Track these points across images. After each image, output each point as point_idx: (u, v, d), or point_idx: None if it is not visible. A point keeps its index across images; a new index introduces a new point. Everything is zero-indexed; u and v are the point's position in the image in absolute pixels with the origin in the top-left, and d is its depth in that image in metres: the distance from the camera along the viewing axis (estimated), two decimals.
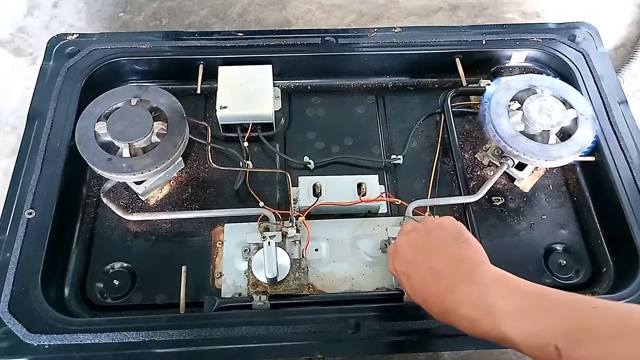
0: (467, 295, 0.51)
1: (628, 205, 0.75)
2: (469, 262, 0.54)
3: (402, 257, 0.60)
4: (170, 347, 0.63)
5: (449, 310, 0.53)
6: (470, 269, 0.53)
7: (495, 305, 0.49)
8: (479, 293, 0.51)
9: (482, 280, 0.52)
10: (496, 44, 0.92)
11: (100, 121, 0.76)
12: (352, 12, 1.35)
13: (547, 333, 0.45)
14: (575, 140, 0.75)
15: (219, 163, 0.83)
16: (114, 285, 0.74)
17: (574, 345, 0.43)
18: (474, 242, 0.57)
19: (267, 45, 0.90)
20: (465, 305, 0.51)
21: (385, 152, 0.88)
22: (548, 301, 0.48)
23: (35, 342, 0.63)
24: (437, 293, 0.54)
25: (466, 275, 0.53)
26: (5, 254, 0.69)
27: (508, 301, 0.49)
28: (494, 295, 0.50)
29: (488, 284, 0.51)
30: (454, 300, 0.52)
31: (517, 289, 0.50)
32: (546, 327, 0.45)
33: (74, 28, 1.30)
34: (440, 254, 0.56)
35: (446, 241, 0.57)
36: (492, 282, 0.51)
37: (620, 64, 1.25)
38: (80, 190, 0.81)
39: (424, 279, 0.56)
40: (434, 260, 0.56)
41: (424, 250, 0.58)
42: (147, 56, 0.89)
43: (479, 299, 0.50)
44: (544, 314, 0.46)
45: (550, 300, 0.48)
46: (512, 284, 0.51)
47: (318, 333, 0.65)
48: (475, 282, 0.52)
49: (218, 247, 0.76)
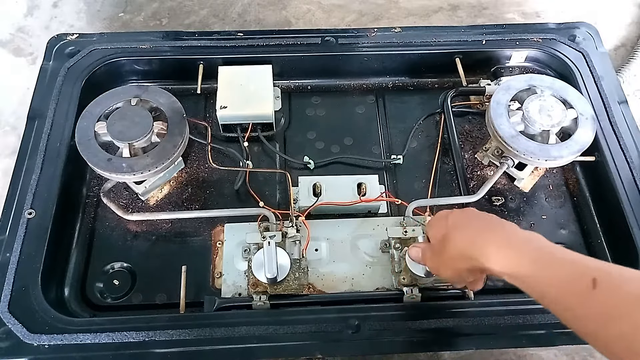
0: (514, 235, 0.53)
1: (628, 205, 0.75)
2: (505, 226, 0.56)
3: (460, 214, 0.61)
4: (170, 347, 0.63)
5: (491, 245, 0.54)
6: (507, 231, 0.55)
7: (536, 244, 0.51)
8: (523, 235, 0.53)
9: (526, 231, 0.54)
10: (496, 44, 0.92)
11: (100, 121, 0.76)
12: (352, 12, 1.35)
13: (588, 267, 0.46)
14: (575, 140, 0.75)
15: (219, 163, 0.83)
16: (114, 285, 0.74)
17: (611, 285, 0.44)
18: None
19: (267, 45, 0.90)
20: (509, 241, 0.53)
21: (385, 152, 0.88)
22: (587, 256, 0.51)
23: (35, 342, 0.63)
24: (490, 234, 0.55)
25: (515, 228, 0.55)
26: (5, 254, 0.69)
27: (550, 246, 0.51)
28: (538, 238, 0.52)
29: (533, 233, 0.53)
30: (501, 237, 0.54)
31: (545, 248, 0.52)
32: (588, 262, 0.47)
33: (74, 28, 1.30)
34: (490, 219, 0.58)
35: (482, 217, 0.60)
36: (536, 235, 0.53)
37: (620, 64, 1.25)
38: (80, 190, 0.81)
39: (477, 228, 0.57)
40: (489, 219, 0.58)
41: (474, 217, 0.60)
42: (147, 56, 0.89)
43: (522, 238, 0.52)
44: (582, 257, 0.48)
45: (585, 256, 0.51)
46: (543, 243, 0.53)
47: (318, 333, 0.65)
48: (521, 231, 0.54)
49: (218, 247, 0.76)
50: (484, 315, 0.66)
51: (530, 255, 0.50)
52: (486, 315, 0.66)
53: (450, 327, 0.65)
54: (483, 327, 0.65)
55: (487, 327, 0.65)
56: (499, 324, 0.65)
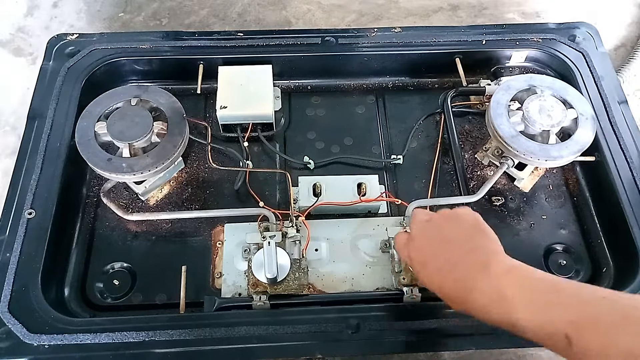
0: (482, 285, 0.52)
1: (628, 205, 0.75)
2: (485, 252, 0.55)
3: (419, 246, 0.60)
4: (170, 347, 0.63)
5: (464, 299, 0.54)
6: (486, 259, 0.54)
7: (508, 294, 0.50)
8: (493, 283, 0.52)
9: (496, 270, 0.53)
10: (496, 44, 0.92)
11: (100, 121, 0.76)
12: (352, 12, 1.35)
13: (557, 322, 0.46)
14: (575, 140, 0.75)
15: (219, 163, 0.83)
16: (114, 285, 0.74)
17: (582, 335, 0.44)
18: (490, 231, 0.58)
19: (267, 45, 0.90)
20: (480, 295, 0.52)
21: (385, 152, 0.88)
22: (558, 291, 0.49)
23: (35, 342, 0.63)
24: (453, 282, 0.55)
25: (481, 265, 0.54)
26: (5, 254, 0.69)
27: (520, 291, 0.50)
28: (507, 284, 0.51)
29: (502, 274, 0.52)
30: (469, 289, 0.53)
31: (530, 278, 0.51)
32: (556, 316, 0.46)
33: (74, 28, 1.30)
34: (457, 245, 0.57)
35: (463, 231, 0.58)
36: (506, 272, 0.52)
37: (620, 64, 1.25)
38: (80, 190, 0.81)
39: (440, 268, 0.56)
40: (450, 251, 0.57)
41: (441, 241, 0.58)
42: (147, 56, 0.89)
43: (493, 289, 0.51)
44: (555, 303, 0.48)
45: (561, 289, 0.49)
46: (525, 273, 0.52)
47: (318, 333, 0.65)
48: (489, 272, 0.53)
49: (218, 247, 0.76)
50: None
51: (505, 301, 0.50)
52: None
53: (450, 327, 0.65)
54: (483, 327, 0.65)
55: (487, 327, 0.64)
56: None
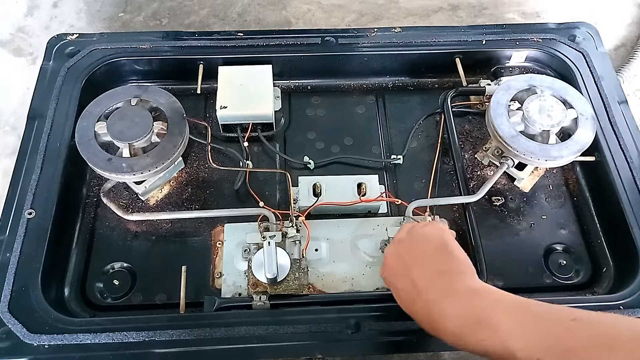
0: (449, 310, 0.52)
1: (628, 205, 0.75)
2: (450, 276, 0.55)
3: (388, 267, 0.61)
4: (170, 347, 0.63)
5: (433, 324, 0.53)
6: (450, 283, 0.54)
7: (477, 319, 0.49)
8: (460, 308, 0.51)
9: (461, 294, 0.52)
10: (496, 44, 0.92)
11: (100, 121, 0.76)
12: (352, 12, 1.35)
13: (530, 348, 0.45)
14: (575, 140, 0.75)
15: (219, 163, 0.83)
16: (114, 285, 0.74)
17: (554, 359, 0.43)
18: (459, 252, 0.57)
19: (267, 45, 0.90)
20: (448, 320, 0.51)
21: (385, 152, 0.88)
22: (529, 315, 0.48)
23: (35, 342, 0.63)
24: (420, 307, 0.55)
25: (447, 289, 0.53)
26: (5, 254, 0.69)
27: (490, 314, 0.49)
28: (474, 309, 0.50)
29: (467, 299, 0.52)
30: (437, 315, 0.53)
31: (497, 302, 0.50)
32: (529, 342, 0.46)
33: (74, 28, 1.30)
34: (423, 268, 0.56)
35: (429, 253, 0.58)
36: (471, 296, 0.52)
37: (620, 64, 1.25)
38: (80, 190, 0.81)
39: (408, 291, 0.56)
40: (416, 274, 0.56)
41: (408, 263, 0.58)
42: (147, 56, 0.89)
43: (460, 315, 0.51)
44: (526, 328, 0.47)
45: (532, 314, 0.48)
46: (493, 297, 0.51)
47: (318, 333, 0.65)
48: (455, 297, 0.52)
49: (218, 247, 0.76)
50: None
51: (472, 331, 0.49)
52: None
53: None
54: None
55: None
56: None
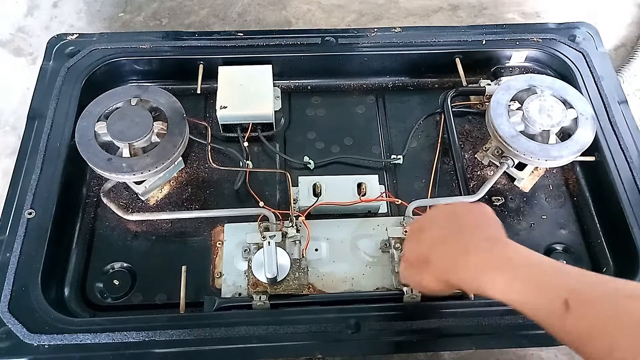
0: (479, 246, 0.53)
1: (628, 205, 0.75)
2: (493, 228, 0.56)
3: (434, 216, 0.61)
4: (170, 347, 0.63)
5: (456, 259, 0.54)
6: (490, 232, 0.56)
7: (505, 257, 0.52)
8: (491, 246, 0.53)
9: (496, 238, 0.54)
10: (496, 44, 0.92)
11: (100, 121, 0.76)
12: (352, 12, 1.35)
13: (558, 287, 0.47)
14: (575, 140, 0.75)
15: (219, 163, 0.83)
16: (114, 285, 0.74)
17: (581, 303, 0.45)
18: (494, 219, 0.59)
19: (267, 45, 0.90)
20: (474, 255, 0.53)
21: (385, 152, 0.88)
22: (562, 266, 0.51)
23: (35, 342, 0.63)
24: (454, 244, 0.55)
25: (483, 234, 0.55)
26: (5, 254, 0.69)
27: (520, 256, 0.52)
28: (506, 249, 0.53)
29: (501, 242, 0.54)
30: (465, 250, 0.54)
31: (535, 254, 0.53)
32: (558, 281, 0.48)
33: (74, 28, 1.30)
34: (472, 219, 0.58)
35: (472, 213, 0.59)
36: (506, 242, 0.54)
37: (620, 64, 1.25)
38: (80, 190, 0.81)
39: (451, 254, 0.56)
40: (464, 220, 0.57)
41: (457, 214, 0.59)
42: (147, 56, 0.89)
43: (496, 255, 0.52)
44: (557, 271, 0.49)
45: (565, 266, 0.52)
46: (531, 253, 0.53)
47: (318, 333, 0.65)
48: (490, 239, 0.54)
49: (218, 247, 0.76)
50: (484, 315, 0.66)
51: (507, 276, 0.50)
52: (486, 315, 0.66)
53: (450, 327, 0.65)
54: (483, 327, 0.65)
55: (487, 327, 0.65)
56: (499, 324, 0.65)
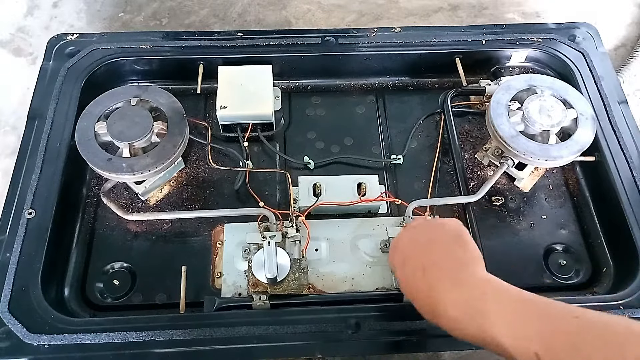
0: (454, 295, 0.52)
1: (628, 205, 0.75)
2: (460, 263, 0.55)
3: (401, 249, 0.61)
4: (170, 347, 0.63)
5: (434, 308, 0.53)
6: (460, 269, 0.54)
7: (480, 307, 0.49)
8: (466, 294, 0.51)
9: (469, 281, 0.52)
10: (496, 44, 0.92)
11: (100, 121, 0.76)
12: (352, 12, 1.35)
13: (530, 339, 0.45)
14: (575, 140, 0.75)
15: (219, 163, 0.83)
16: (114, 285, 0.74)
17: (552, 354, 0.44)
18: (473, 246, 0.57)
19: (267, 45, 0.90)
20: (451, 305, 0.51)
21: (385, 152, 0.88)
22: (533, 307, 0.49)
23: (35, 342, 0.63)
24: (425, 288, 0.55)
25: (455, 275, 0.53)
26: (5, 254, 0.69)
27: (494, 305, 0.49)
28: (480, 297, 0.50)
29: (475, 286, 0.52)
30: (440, 298, 0.52)
31: (504, 292, 0.51)
32: (529, 332, 0.46)
33: (74, 28, 1.30)
34: (435, 251, 0.57)
35: (444, 239, 0.58)
36: (478, 285, 0.52)
37: (620, 64, 1.25)
38: (80, 190, 0.81)
39: (415, 272, 0.56)
40: (428, 255, 0.57)
41: (422, 244, 0.59)
42: (147, 56, 0.89)
43: (465, 300, 0.51)
44: (528, 319, 0.47)
45: (535, 306, 0.49)
46: (499, 287, 0.51)
47: (318, 333, 0.65)
48: (462, 283, 0.52)
49: (218, 247, 0.76)
50: None
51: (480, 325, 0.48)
52: None
53: None
54: None
55: None
56: None
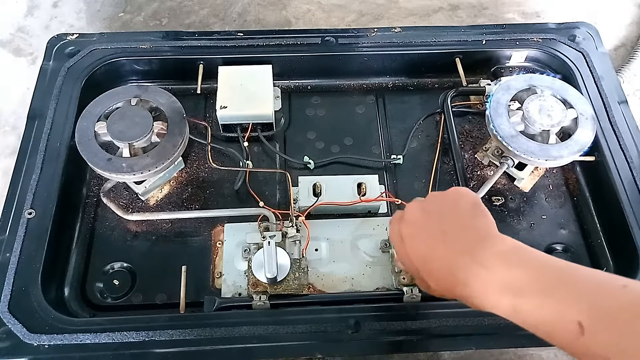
0: (478, 262, 0.46)
1: (628, 205, 0.75)
2: (485, 230, 0.50)
3: (412, 218, 0.55)
4: (170, 347, 0.63)
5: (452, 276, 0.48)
6: (485, 236, 0.48)
7: (508, 276, 0.44)
8: (492, 262, 0.45)
9: (495, 248, 0.46)
10: (496, 44, 0.92)
11: (100, 121, 0.76)
12: (352, 12, 1.35)
13: (570, 307, 0.40)
14: (575, 140, 0.75)
15: (219, 163, 0.83)
16: (114, 285, 0.74)
17: (598, 324, 0.38)
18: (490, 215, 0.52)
19: (267, 45, 0.90)
20: (474, 273, 0.46)
21: (385, 152, 0.88)
22: (571, 275, 0.43)
23: (35, 342, 0.63)
24: (443, 256, 0.49)
25: (480, 241, 0.48)
26: (5, 254, 0.69)
27: (525, 272, 0.44)
28: (509, 264, 0.45)
29: (502, 253, 0.46)
30: (462, 266, 0.47)
31: (536, 259, 0.45)
32: (569, 301, 0.40)
33: (74, 28, 1.30)
34: (454, 219, 0.51)
35: (462, 207, 0.52)
36: (508, 251, 0.46)
37: (620, 64, 1.25)
38: (80, 190, 0.81)
39: (431, 240, 0.51)
40: (447, 223, 0.51)
41: (437, 212, 0.53)
42: (147, 56, 0.89)
43: (492, 270, 0.45)
44: (566, 287, 0.42)
45: (574, 274, 0.43)
46: (530, 254, 0.46)
47: (318, 333, 0.65)
48: (488, 249, 0.46)
49: (218, 247, 0.76)
50: (484, 315, 0.66)
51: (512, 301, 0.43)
52: (486, 315, 0.65)
53: (450, 327, 0.65)
54: (483, 327, 0.65)
55: (487, 327, 0.65)
56: (499, 324, 0.65)
